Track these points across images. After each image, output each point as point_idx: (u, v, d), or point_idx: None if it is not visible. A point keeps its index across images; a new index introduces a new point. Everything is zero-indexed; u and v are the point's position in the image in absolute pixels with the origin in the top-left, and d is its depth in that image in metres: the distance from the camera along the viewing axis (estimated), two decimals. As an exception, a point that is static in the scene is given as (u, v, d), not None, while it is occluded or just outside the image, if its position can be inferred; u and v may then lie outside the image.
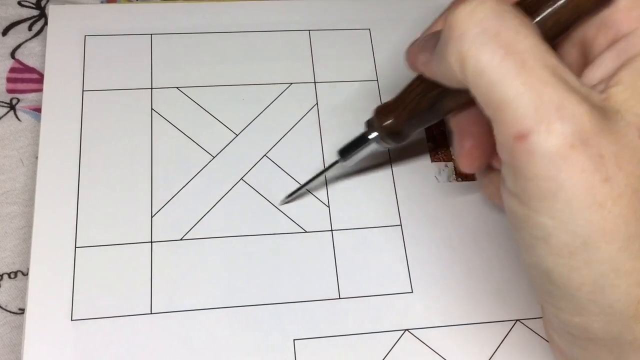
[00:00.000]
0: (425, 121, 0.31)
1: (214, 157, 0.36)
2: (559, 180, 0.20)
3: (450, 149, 0.38)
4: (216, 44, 0.39)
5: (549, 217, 0.21)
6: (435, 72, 0.25)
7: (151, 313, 0.32)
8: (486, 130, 0.28)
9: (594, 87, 0.23)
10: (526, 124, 0.20)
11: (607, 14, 0.24)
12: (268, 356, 0.32)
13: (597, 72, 0.23)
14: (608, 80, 0.22)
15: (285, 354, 0.32)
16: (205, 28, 0.39)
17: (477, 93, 0.22)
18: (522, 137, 0.20)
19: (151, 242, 0.33)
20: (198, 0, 0.41)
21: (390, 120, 0.31)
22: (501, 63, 0.20)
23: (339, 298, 0.33)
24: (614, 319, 0.21)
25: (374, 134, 0.32)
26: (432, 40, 0.25)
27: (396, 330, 0.33)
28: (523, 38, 0.21)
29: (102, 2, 0.41)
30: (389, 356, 0.32)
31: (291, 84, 0.38)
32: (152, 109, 0.37)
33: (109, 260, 0.33)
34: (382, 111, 0.31)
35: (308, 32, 0.40)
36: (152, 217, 0.34)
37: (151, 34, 0.39)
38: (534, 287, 0.24)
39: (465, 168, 0.30)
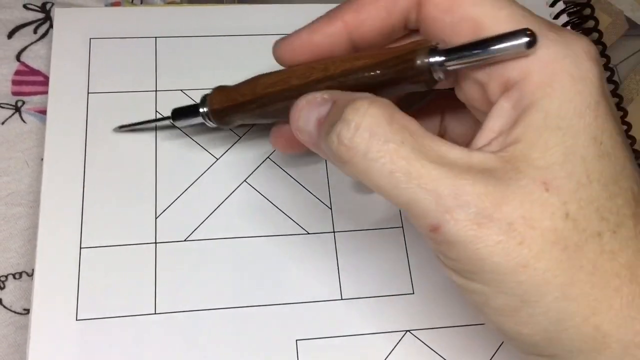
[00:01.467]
0: (255, 120, 0.32)
1: (217, 159, 0.36)
2: (479, 256, 0.21)
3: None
4: (220, 47, 0.39)
5: (483, 284, 0.22)
6: (320, 153, 0.26)
7: (155, 313, 0.32)
8: None
9: (494, 139, 0.23)
10: (433, 218, 0.21)
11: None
12: (271, 356, 0.32)
13: (495, 123, 0.23)
14: (506, 134, 0.23)
15: (288, 354, 0.32)
16: (209, 31, 0.40)
17: (384, 196, 0.23)
18: (434, 229, 0.21)
19: (155, 242, 0.34)
20: (202, 4, 0.41)
21: (218, 107, 0.31)
22: (391, 175, 0.22)
23: (341, 299, 0.34)
24: (576, 356, 0.22)
25: (203, 109, 0.32)
26: (310, 119, 0.25)
27: (398, 331, 0.33)
28: (402, 147, 0.22)
29: (106, 5, 0.41)
30: (391, 357, 0.32)
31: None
32: (156, 111, 0.37)
33: (114, 261, 0.33)
34: (217, 96, 0.32)
35: (311, 35, 0.40)
36: (156, 218, 0.34)
37: (156, 37, 0.39)
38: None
39: (276, 146, 0.33)
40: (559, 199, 0.21)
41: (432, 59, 0.24)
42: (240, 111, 0.31)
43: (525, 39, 0.22)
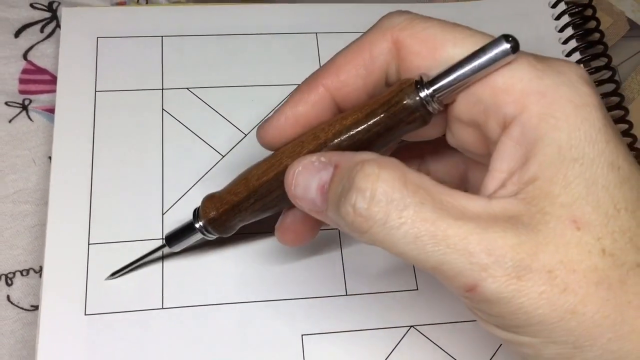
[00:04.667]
0: (257, 215, 0.29)
1: (223, 157, 0.37)
2: (523, 310, 0.20)
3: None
4: (226, 46, 0.40)
5: (531, 337, 0.21)
6: (327, 220, 0.24)
7: (162, 308, 0.33)
8: None
9: (507, 181, 0.22)
10: (468, 278, 0.20)
11: (486, 96, 0.23)
12: (277, 351, 0.32)
13: (503, 164, 0.22)
14: (520, 174, 0.22)
15: (294, 348, 0.32)
16: (214, 30, 0.40)
17: (408, 262, 0.22)
18: (471, 289, 0.21)
19: (162, 238, 0.34)
20: (207, 3, 0.41)
21: (215, 215, 0.29)
22: (416, 240, 0.21)
23: (346, 295, 0.34)
24: None
25: (199, 224, 0.30)
26: (310, 187, 0.24)
27: (402, 327, 0.33)
28: (423, 208, 0.21)
29: (112, 5, 0.41)
30: (395, 352, 0.33)
31: (299, 84, 0.39)
32: (163, 109, 0.37)
33: (122, 257, 0.33)
34: (210, 206, 0.29)
35: (315, 34, 0.41)
36: (163, 214, 0.35)
37: (162, 36, 0.39)
38: None
39: (285, 243, 0.30)
40: (592, 235, 0.20)
41: (421, 94, 0.23)
42: (239, 211, 0.29)
43: (508, 45, 0.21)
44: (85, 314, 0.32)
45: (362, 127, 0.24)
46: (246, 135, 0.37)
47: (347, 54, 0.26)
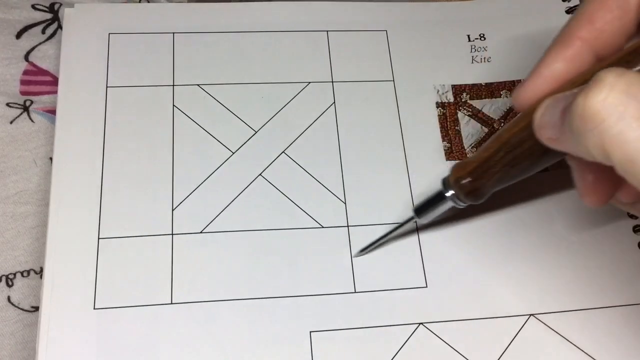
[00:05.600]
0: (510, 182, 0.29)
1: (233, 153, 0.37)
2: None
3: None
4: (236, 43, 0.40)
5: None
6: (567, 149, 0.24)
7: (172, 303, 0.33)
8: None
9: None
10: None
11: None
12: (285, 347, 0.32)
13: None
14: None
15: (302, 345, 0.32)
16: (225, 27, 0.40)
17: (627, 177, 0.20)
18: None
19: (172, 234, 0.34)
20: (219, 1, 0.42)
21: (468, 180, 0.30)
22: None
23: (355, 292, 0.34)
24: None
25: (450, 192, 0.31)
26: (555, 111, 0.24)
27: (411, 324, 0.33)
28: None
29: (124, 2, 0.42)
30: (404, 349, 0.33)
31: (309, 82, 0.39)
32: (173, 105, 0.38)
33: (131, 251, 0.34)
34: (460, 170, 0.30)
35: (326, 32, 0.41)
36: (173, 210, 0.35)
37: (173, 33, 0.39)
38: None
39: (591, 204, 0.27)
40: None
41: None
42: (488, 168, 0.29)
43: None
44: (95, 308, 0.32)
45: None
46: (256, 132, 0.37)
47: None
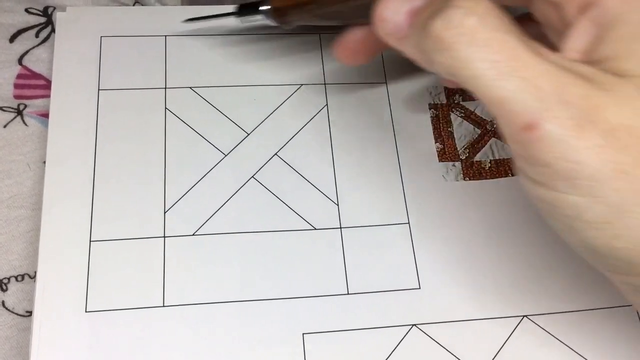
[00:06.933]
0: (315, 21, 0.33)
1: (225, 155, 0.37)
2: (577, 158, 0.20)
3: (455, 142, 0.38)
4: (229, 46, 0.40)
5: (577, 195, 0.21)
6: (407, 52, 0.25)
7: (164, 306, 0.33)
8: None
9: (580, 59, 0.23)
10: (532, 115, 0.21)
11: None
12: (277, 349, 0.32)
13: (577, 42, 0.23)
14: (592, 52, 0.22)
15: (295, 347, 0.32)
16: (217, 30, 0.40)
17: (473, 91, 0.22)
18: (530, 127, 0.21)
19: (164, 237, 0.34)
20: (211, 4, 0.42)
21: (278, 5, 0.33)
22: (494, 65, 0.21)
23: (348, 294, 0.34)
24: None
25: (265, 7, 0.34)
26: (400, 9, 0.25)
27: (404, 325, 0.33)
28: (509, 37, 0.21)
29: (116, 5, 0.42)
30: (397, 350, 0.33)
31: (302, 85, 0.39)
32: (165, 108, 0.37)
33: (123, 254, 0.33)
34: None
35: (319, 35, 0.41)
36: (165, 212, 0.35)
37: (165, 36, 0.39)
38: (591, 264, 0.24)
39: (341, 59, 0.33)
40: None
41: None
42: (299, 12, 0.32)
43: None
44: (86, 311, 0.32)
45: None
46: (249, 134, 0.37)
47: None
